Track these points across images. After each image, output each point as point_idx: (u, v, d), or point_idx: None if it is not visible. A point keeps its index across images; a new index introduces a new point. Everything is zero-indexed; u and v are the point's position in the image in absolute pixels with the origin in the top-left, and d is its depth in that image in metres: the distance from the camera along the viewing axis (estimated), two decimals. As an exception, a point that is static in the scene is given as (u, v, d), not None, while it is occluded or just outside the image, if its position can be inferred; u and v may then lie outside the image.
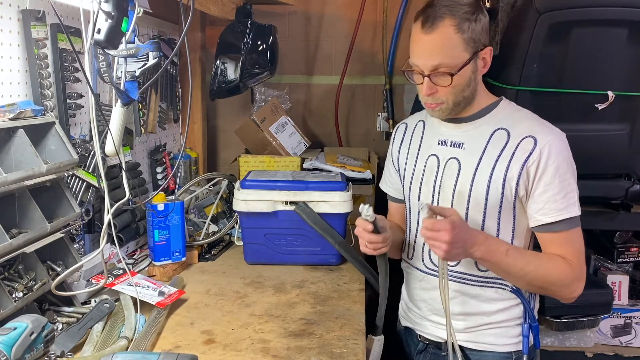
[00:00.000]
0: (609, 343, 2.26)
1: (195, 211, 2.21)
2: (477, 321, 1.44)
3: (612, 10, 1.76)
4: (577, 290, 1.35)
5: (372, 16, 2.86)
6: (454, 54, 1.30)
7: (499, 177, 1.34)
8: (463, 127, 1.42)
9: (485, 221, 1.38)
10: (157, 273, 1.77)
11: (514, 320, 1.43)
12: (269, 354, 1.31)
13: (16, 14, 1.43)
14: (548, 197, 1.31)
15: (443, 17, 1.29)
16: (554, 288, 1.36)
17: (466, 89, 1.35)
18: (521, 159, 1.32)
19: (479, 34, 1.32)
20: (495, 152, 1.36)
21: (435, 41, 1.31)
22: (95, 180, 1.64)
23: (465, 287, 1.43)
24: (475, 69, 1.34)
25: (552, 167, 1.30)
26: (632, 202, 2.09)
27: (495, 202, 1.36)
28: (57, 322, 1.37)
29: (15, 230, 1.35)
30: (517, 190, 1.34)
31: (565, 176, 1.31)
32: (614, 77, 1.86)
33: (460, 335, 1.44)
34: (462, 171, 1.40)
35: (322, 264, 1.91)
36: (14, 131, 1.34)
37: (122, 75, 1.23)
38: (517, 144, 1.33)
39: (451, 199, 1.42)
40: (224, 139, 2.99)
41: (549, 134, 1.33)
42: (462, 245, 1.27)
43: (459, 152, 1.41)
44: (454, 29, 1.29)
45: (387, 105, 2.87)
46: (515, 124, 1.36)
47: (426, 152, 1.49)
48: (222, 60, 2.45)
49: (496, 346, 1.43)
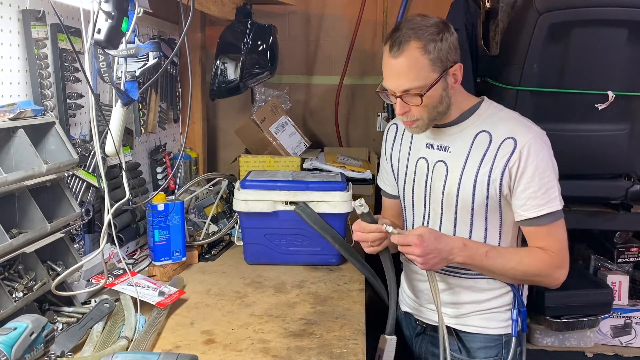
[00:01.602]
0: (609, 343, 2.26)
1: (195, 211, 2.21)
2: (469, 309, 1.52)
3: (612, 10, 1.76)
4: (561, 277, 1.43)
5: (372, 16, 2.86)
6: (421, 76, 1.35)
7: (484, 179, 1.41)
8: (448, 130, 1.48)
9: (473, 219, 1.46)
10: (157, 273, 1.77)
11: (504, 306, 1.51)
12: (269, 354, 1.31)
13: (16, 14, 1.43)
14: (529, 194, 1.38)
15: (408, 41, 1.34)
16: (538, 279, 1.46)
17: (439, 105, 1.39)
18: (503, 160, 1.38)
19: (446, 52, 1.35)
20: (478, 155, 1.42)
21: (402, 64, 1.35)
22: (95, 180, 1.64)
23: (458, 280, 1.51)
24: (445, 86, 1.38)
25: (531, 165, 1.36)
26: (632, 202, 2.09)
27: (482, 202, 1.43)
28: (57, 322, 1.37)
29: (15, 230, 1.35)
30: (501, 189, 1.40)
31: (544, 173, 1.37)
32: (614, 77, 1.86)
33: (452, 320, 1.53)
34: (449, 174, 1.46)
35: (322, 264, 1.91)
36: (14, 131, 1.34)
37: (122, 75, 1.23)
38: (499, 146, 1.39)
39: (441, 200, 1.48)
40: (224, 139, 2.99)
41: (528, 134, 1.38)
42: (437, 254, 1.36)
43: (446, 155, 1.48)
44: (419, 51, 1.33)
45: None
46: (497, 126, 1.42)
47: (416, 155, 1.55)
48: (222, 60, 2.45)
49: (486, 329, 1.52)
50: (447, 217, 1.49)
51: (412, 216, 1.59)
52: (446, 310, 1.52)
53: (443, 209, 1.49)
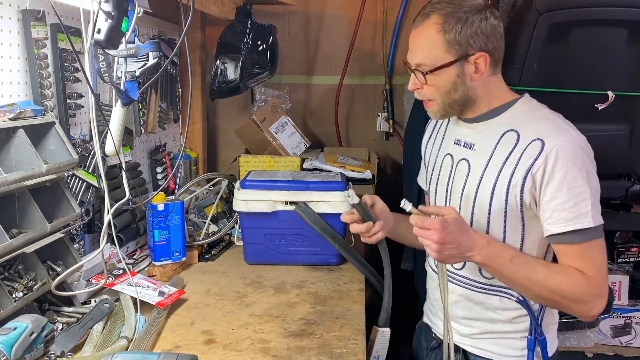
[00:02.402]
0: (609, 343, 2.26)
1: (195, 211, 2.21)
2: (482, 328, 1.39)
3: (612, 10, 1.76)
4: (596, 309, 1.23)
5: (372, 16, 2.86)
6: (433, 54, 1.27)
7: (504, 183, 1.27)
8: (476, 126, 1.37)
9: (490, 226, 1.32)
10: (157, 273, 1.77)
11: (519, 332, 1.36)
12: (269, 354, 1.31)
13: (16, 14, 1.43)
14: (555, 205, 1.21)
15: (430, 15, 1.27)
16: (567, 302, 1.25)
17: (453, 92, 1.30)
18: (526, 164, 1.24)
19: (470, 37, 1.25)
20: (502, 156, 1.29)
21: (418, 37, 1.30)
22: (95, 180, 1.64)
23: (468, 292, 1.40)
24: (461, 73, 1.28)
25: (559, 173, 1.20)
26: (632, 202, 2.09)
27: (500, 209, 1.29)
28: (57, 322, 1.37)
29: (15, 230, 1.35)
30: (522, 197, 1.25)
31: (574, 183, 1.20)
32: (614, 77, 1.86)
33: (465, 340, 1.42)
34: (470, 174, 1.35)
35: (322, 264, 1.91)
36: (14, 131, 1.34)
37: (122, 75, 1.23)
38: (525, 147, 1.25)
39: (459, 201, 1.38)
40: (224, 139, 2.99)
41: (560, 136, 1.22)
42: (455, 247, 1.21)
43: (469, 153, 1.37)
44: (437, 27, 1.25)
45: (387, 105, 2.87)
46: (527, 125, 1.28)
47: (444, 151, 1.46)
48: (222, 60, 2.45)
49: (499, 356, 1.38)
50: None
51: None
52: (456, 325, 1.40)
53: (461, 212, 1.35)
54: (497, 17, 1.29)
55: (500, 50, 1.31)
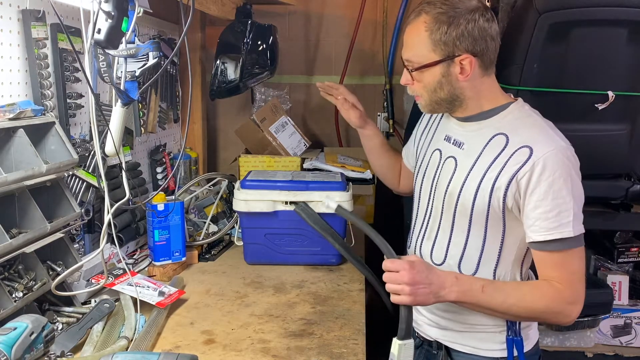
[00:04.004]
0: (609, 343, 2.26)
1: (195, 211, 2.21)
2: (459, 320, 1.39)
3: (612, 10, 1.76)
4: (572, 314, 1.26)
5: (372, 16, 2.86)
6: (418, 52, 1.29)
7: (488, 185, 1.28)
8: (467, 125, 1.38)
9: (471, 225, 1.33)
10: (157, 273, 1.77)
11: (498, 326, 1.36)
12: (269, 354, 1.31)
13: (16, 14, 1.43)
14: (539, 214, 1.22)
15: (421, 13, 1.29)
16: (545, 316, 1.29)
17: (439, 90, 1.31)
18: (512, 169, 1.24)
19: (457, 38, 1.25)
20: (489, 158, 1.30)
21: (408, 34, 1.32)
22: (95, 180, 1.64)
23: None
24: (446, 73, 1.28)
25: (545, 182, 1.21)
26: (632, 202, 2.09)
27: (482, 209, 1.30)
28: (57, 322, 1.37)
29: (15, 230, 1.35)
30: (505, 201, 1.26)
31: (559, 193, 1.21)
32: (614, 77, 1.86)
33: (446, 335, 1.42)
34: (456, 172, 1.36)
35: (322, 264, 1.91)
36: (14, 131, 1.34)
37: (122, 75, 1.23)
38: (512, 152, 1.26)
39: (443, 198, 1.39)
40: (224, 139, 2.99)
41: (548, 145, 1.23)
42: (427, 285, 1.21)
43: (458, 151, 1.38)
44: (424, 26, 1.27)
45: (387, 105, 2.87)
46: (517, 131, 1.28)
47: (434, 145, 1.48)
48: (222, 60, 2.45)
49: (480, 350, 1.39)
50: (446, 218, 1.40)
51: (416, 210, 1.52)
52: (439, 320, 1.41)
53: (444, 209, 1.38)
54: (489, 20, 1.29)
55: (490, 53, 1.31)
